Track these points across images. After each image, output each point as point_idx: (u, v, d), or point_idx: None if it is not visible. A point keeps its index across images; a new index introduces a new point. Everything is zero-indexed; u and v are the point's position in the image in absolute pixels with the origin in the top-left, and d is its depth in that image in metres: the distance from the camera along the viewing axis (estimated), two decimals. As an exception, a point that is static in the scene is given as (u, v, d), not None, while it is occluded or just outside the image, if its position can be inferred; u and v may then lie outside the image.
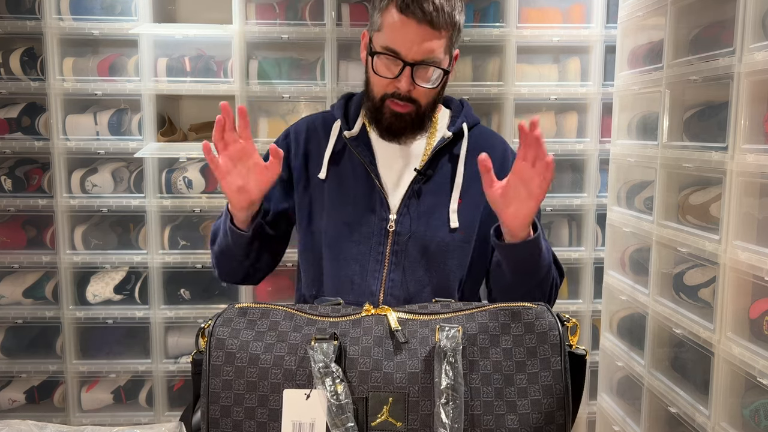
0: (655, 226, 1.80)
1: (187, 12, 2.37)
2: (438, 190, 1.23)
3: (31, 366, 2.25)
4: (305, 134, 1.30)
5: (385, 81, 1.16)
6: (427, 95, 1.18)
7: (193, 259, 2.20)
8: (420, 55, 1.12)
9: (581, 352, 0.93)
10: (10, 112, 2.20)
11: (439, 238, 1.20)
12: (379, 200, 1.21)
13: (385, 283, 1.19)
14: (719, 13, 1.61)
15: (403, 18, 1.10)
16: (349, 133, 1.24)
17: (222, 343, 0.92)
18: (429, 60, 1.13)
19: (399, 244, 1.20)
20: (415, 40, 1.11)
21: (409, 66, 1.12)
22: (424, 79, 1.15)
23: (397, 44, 1.12)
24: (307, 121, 1.33)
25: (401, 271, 1.20)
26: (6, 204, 2.18)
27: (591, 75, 2.17)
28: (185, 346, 2.26)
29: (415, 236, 1.20)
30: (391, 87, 1.16)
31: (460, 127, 1.26)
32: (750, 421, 1.43)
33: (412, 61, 1.12)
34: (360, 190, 1.22)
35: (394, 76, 1.14)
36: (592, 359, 2.22)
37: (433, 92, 1.19)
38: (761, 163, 1.36)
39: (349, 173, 1.24)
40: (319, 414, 0.87)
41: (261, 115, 2.25)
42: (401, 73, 1.13)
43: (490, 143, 1.29)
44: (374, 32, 1.17)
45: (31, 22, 2.13)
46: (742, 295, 1.48)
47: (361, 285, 1.20)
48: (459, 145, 1.26)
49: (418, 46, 1.11)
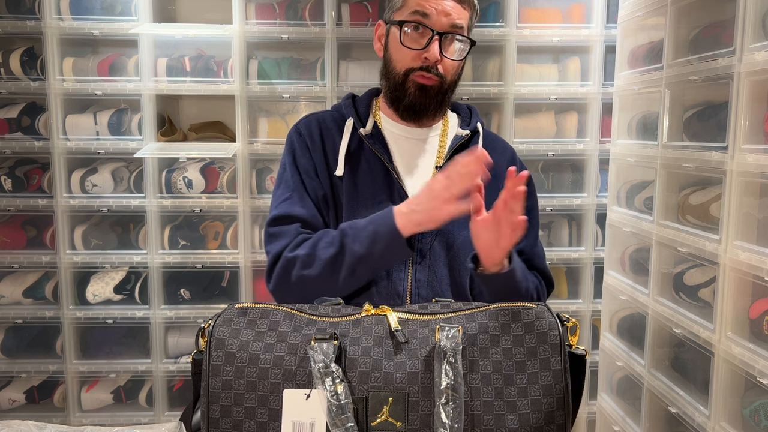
0: (655, 226, 1.80)
1: (187, 12, 2.37)
2: None
3: (31, 366, 2.25)
4: (318, 130, 1.27)
5: (411, 54, 1.17)
6: (451, 69, 1.19)
7: (193, 259, 2.20)
8: (448, 25, 1.15)
9: (581, 353, 0.93)
10: (10, 112, 2.20)
11: (463, 236, 1.19)
12: (399, 197, 1.19)
13: (411, 283, 1.17)
14: (719, 13, 1.61)
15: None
16: (364, 131, 1.24)
17: (222, 343, 0.92)
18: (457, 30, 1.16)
19: (424, 243, 1.18)
20: (444, 10, 1.14)
21: (439, 35, 1.14)
22: (450, 52, 1.17)
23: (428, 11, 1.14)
24: (316, 117, 1.30)
25: (427, 270, 1.18)
26: (6, 204, 2.18)
27: (591, 75, 2.17)
28: (185, 346, 2.26)
29: (441, 234, 1.19)
30: (418, 60, 1.17)
31: (475, 125, 1.27)
32: (750, 421, 1.43)
33: (441, 29, 1.14)
34: (378, 187, 1.21)
35: (422, 47, 1.15)
36: (592, 359, 2.22)
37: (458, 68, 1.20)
38: (761, 163, 1.36)
39: (366, 171, 1.22)
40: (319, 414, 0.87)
41: (261, 115, 2.24)
42: (430, 43, 1.14)
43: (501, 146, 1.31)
44: (395, 12, 1.19)
45: (31, 22, 2.13)
46: (742, 295, 1.48)
47: (387, 287, 1.17)
48: (476, 143, 1.27)
49: (447, 15, 1.14)
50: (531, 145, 2.16)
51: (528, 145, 2.16)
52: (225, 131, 2.33)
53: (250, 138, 2.19)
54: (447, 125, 1.29)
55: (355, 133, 1.25)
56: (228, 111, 2.29)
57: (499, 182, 1.23)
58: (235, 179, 2.18)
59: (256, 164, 2.23)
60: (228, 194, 2.21)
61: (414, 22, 1.15)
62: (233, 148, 2.14)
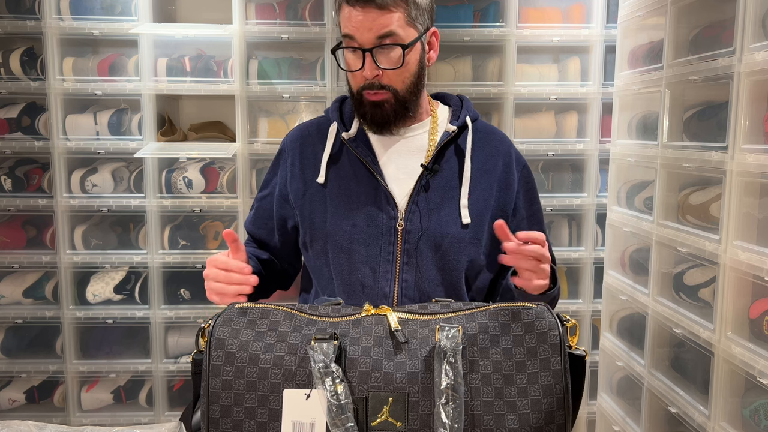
0: (655, 226, 1.80)
1: (187, 12, 2.37)
2: (446, 184, 1.21)
3: (31, 366, 2.25)
4: (299, 141, 1.29)
5: (357, 75, 1.16)
6: (398, 77, 1.16)
7: (193, 259, 2.20)
8: (373, 38, 1.12)
9: (581, 353, 0.93)
10: (10, 112, 2.20)
11: (451, 235, 1.18)
12: (384, 198, 1.19)
13: (398, 284, 1.17)
14: (719, 13, 1.61)
15: (350, 9, 1.12)
16: (347, 134, 1.23)
17: (222, 343, 0.92)
18: (384, 40, 1.12)
19: (410, 243, 1.18)
20: (363, 25, 1.11)
21: (368, 52, 1.12)
22: (387, 62, 1.14)
23: (350, 32, 1.13)
24: (300, 128, 1.33)
25: (414, 271, 1.18)
26: (6, 204, 2.18)
27: (591, 75, 2.17)
28: (185, 346, 2.26)
29: (426, 234, 1.18)
30: (362, 79, 1.16)
31: (464, 120, 1.25)
32: (750, 421, 1.43)
33: (368, 45, 1.12)
34: (363, 190, 1.20)
35: (359, 67, 1.14)
36: (592, 359, 2.22)
37: (405, 73, 1.17)
38: (761, 163, 1.36)
39: (350, 175, 1.22)
40: (319, 414, 0.87)
41: (261, 115, 2.25)
42: (364, 62, 1.13)
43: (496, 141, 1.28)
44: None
45: (31, 22, 2.13)
46: (742, 295, 1.48)
47: (374, 288, 1.18)
48: (464, 138, 1.24)
49: (368, 30, 1.11)
50: (531, 145, 2.16)
51: (528, 145, 2.16)
52: (225, 131, 2.34)
53: (250, 138, 2.19)
54: (436, 121, 1.27)
55: (339, 137, 1.25)
56: (228, 111, 2.29)
57: (491, 179, 1.23)
58: (235, 179, 2.18)
59: (256, 164, 2.23)
60: (228, 194, 2.21)
61: (344, 48, 1.15)
62: (233, 148, 2.14)
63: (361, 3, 1.10)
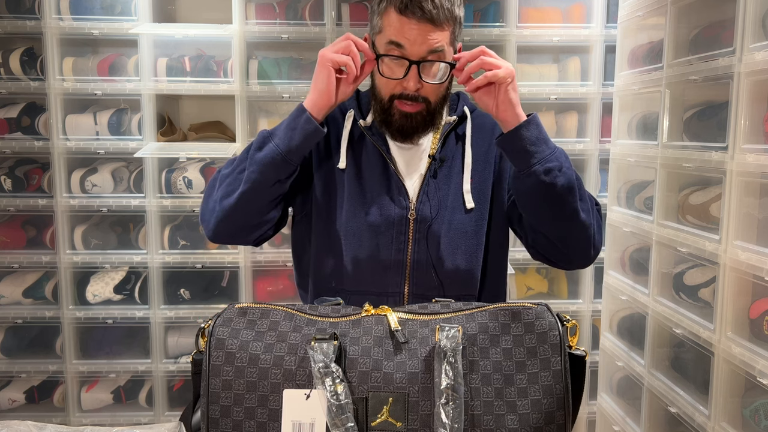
0: (655, 226, 1.80)
1: (187, 12, 2.37)
2: (450, 172, 1.24)
3: (31, 366, 2.25)
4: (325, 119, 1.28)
5: (393, 82, 1.16)
6: (435, 92, 1.18)
7: (193, 259, 2.20)
8: (424, 52, 1.12)
9: (581, 353, 0.93)
10: (10, 112, 2.20)
11: (457, 221, 1.21)
12: (396, 188, 1.21)
13: (410, 273, 1.19)
14: (719, 13, 1.61)
15: (403, 18, 1.10)
16: (364, 122, 1.25)
17: (222, 343, 0.92)
18: (433, 55, 1.13)
19: (420, 232, 1.20)
20: (417, 39, 1.11)
21: (415, 64, 1.12)
22: (430, 76, 1.15)
23: (402, 42, 1.12)
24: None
25: (425, 259, 1.19)
26: (6, 204, 2.18)
27: (591, 75, 2.17)
28: (185, 346, 2.26)
29: (435, 222, 1.20)
30: (399, 87, 1.16)
31: (461, 110, 1.27)
32: (750, 421, 1.43)
33: (417, 59, 1.12)
34: (376, 178, 1.22)
35: (401, 76, 1.14)
36: (592, 359, 2.22)
37: (442, 88, 1.19)
38: (761, 163, 1.36)
39: (366, 161, 1.24)
40: (319, 414, 0.87)
41: (261, 115, 2.25)
42: (408, 73, 1.13)
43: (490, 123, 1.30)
44: (375, 35, 1.17)
45: (31, 22, 2.13)
46: (742, 295, 1.48)
47: (385, 277, 1.20)
48: (463, 126, 1.27)
49: (421, 44, 1.11)
50: (531, 145, 2.16)
51: (528, 145, 2.15)
52: (225, 131, 2.33)
53: (250, 138, 2.19)
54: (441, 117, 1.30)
55: (356, 124, 1.26)
56: (228, 111, 2.28)
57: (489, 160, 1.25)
58: (235, 179, 2.18)
59: (256, 164, 2.23)
60: (228, 194, 2.20)
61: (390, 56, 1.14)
62: (233, 148, 2.14)
63: (417, 16, 1.10)
